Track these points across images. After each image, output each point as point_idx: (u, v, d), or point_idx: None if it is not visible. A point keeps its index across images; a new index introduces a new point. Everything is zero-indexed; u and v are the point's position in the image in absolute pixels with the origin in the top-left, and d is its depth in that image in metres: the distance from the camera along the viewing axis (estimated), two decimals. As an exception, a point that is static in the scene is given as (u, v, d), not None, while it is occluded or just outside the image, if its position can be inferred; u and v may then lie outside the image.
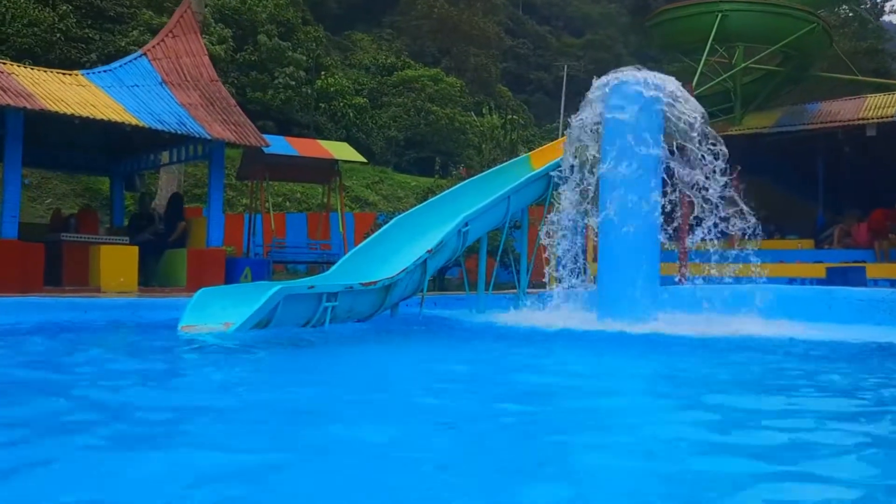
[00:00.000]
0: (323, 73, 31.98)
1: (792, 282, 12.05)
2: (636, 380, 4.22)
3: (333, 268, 8.15)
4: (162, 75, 10.92)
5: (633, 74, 7.40)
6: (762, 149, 14.03)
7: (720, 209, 7.17)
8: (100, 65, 12.21)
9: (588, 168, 7.58)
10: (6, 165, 9.40)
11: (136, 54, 11.38)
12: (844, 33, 28.58)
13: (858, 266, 11.66)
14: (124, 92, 10.33)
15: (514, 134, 30.85)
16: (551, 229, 7.97)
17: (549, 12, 62.22)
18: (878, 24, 33.14)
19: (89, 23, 23.86)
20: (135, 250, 10.19)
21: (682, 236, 9.74)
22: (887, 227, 12.90)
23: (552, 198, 8.83)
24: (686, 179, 7.26)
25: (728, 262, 7.07)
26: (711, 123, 7.54)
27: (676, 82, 7.38)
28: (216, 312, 6.41)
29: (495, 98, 39.83)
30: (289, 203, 23.62)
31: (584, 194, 7.78)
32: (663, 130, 7.34)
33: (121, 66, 10.94)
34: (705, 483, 2.08)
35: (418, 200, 17.65)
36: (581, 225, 7.98)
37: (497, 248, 10.70)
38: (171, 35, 11.52)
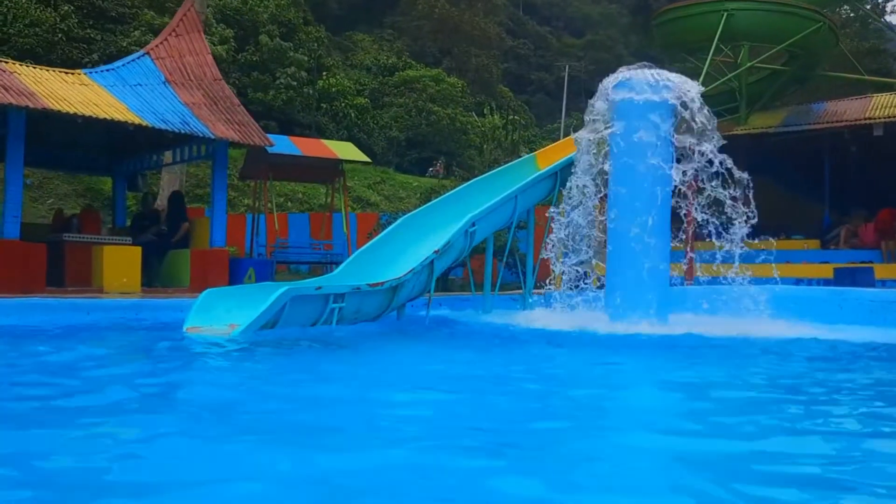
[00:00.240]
0: (324, 73, 31.91)
1: (799, 282, 11.97)
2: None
3: (339, 268, 8.07)
4: (165, 74, 10.83)
5: (642, 72, 7.32)
6: (767, 148, 13.95)
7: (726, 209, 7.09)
8: (101, 65, 12.12)
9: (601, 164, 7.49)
10: (8, 165, 9.31)
11: (138, 53, 11.30)
12: (846, 33, 28.48)
13: (866, 267, 11.58)
14: (127, 91, 10.25)
15: (515, 134, 30.86)
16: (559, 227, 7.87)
17: (549, 13, 62.23)
18: (886, 20, 33.05)
19: (91, 23, 23.79)
20: (138, 250, 10.10)
21: (687, 238, 9.65)
22: (894, 227, 12.82)
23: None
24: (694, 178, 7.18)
25: (735, 262, 7.00)
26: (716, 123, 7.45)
27: (689, 80, 7.29)
28: (221, 314, 6.33)
29: (496, 98, 39.79)
30: (290, 203, 23.55)
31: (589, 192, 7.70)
32: (674, 129, 7.26)
33: (123, 65, 10.85)
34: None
35: (420, 201, 17.59)
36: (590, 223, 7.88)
37: (501, 248, 10.64)
38: (174, 34, 11.44)
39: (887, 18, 39.21)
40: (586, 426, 2.86)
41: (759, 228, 7.03)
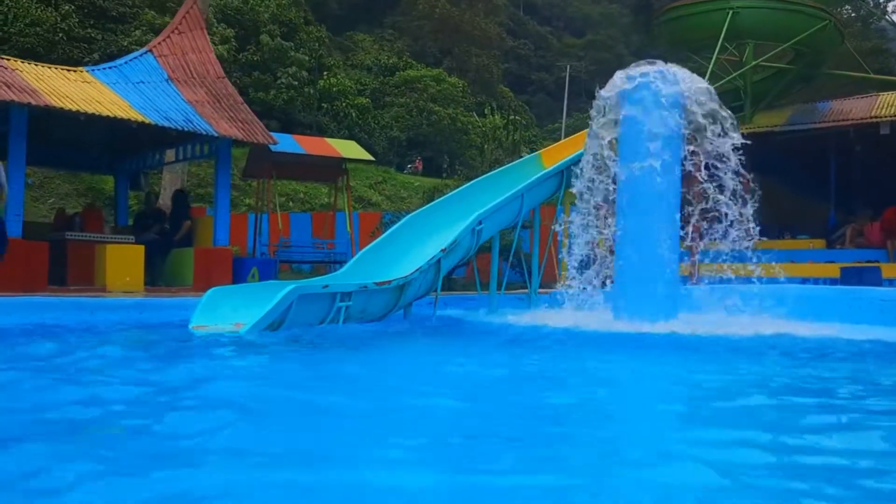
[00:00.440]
0: (325, 73, 31.86)
1: (805, 282, 11.90)
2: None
3: (345, 267, 8.00)
4: (168, 72, 10.75)
5: (650, 69, 7.25)
6: (773, 147, 13.87)
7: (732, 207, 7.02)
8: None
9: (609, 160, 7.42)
10: (10, 163, 9.23)
11: (141, 51, 11.22)
12: (848, 33, 28.46)
13: (873, 266, 11.51)
14: (130, 88, 10.17)
15: (516, 134, 30.75)
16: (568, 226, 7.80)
17: (549, 13, 62.24)
18: (889, 19, 33.00)
19: (91, 23, 23.72)
20: (141, 249, 10.02)
21: (693, 235, 9.57)
22: (901, 226, 12.75)
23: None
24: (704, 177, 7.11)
25: (740, 261, 6.94)
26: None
27: (696, 77, 7.23)
28: (227, 312, 6.26)
29: (497, 99, 39.73)
30: (292, 203, 23.48)
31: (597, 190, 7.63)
32: (683, 124, 7.20)
33: (126, 62, 10.77)
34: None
35: (422, 201, 17.53)
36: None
37: (505, 247, 10.55)
38: (176, 31, 11.36)
39: (888, 19, 39.20)
40: (613, 430, 2.79)
41: (763, 228, 6.97)
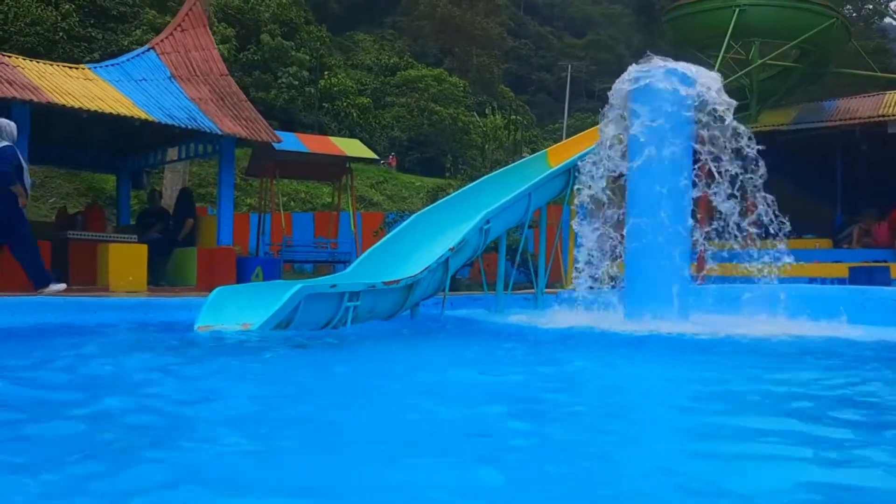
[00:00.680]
0: (326, 73, 31.77)
1: (812, 281, 11.81)
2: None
3: (350, 267, 7.91)
4: (171, 69, 10.65)
5: (662, 66, 7.16)
6: (779, 146, 13.77)
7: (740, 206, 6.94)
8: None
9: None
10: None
11: (143, 48, 11.12)
12: (851, 32, 28.43)
13: (882, 266, 11.43)
14: (132, 86, 10.07)
15: (517, 134, 30.69)
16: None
17: (550, 13, 62.22)
18: (893, 16, 32.93)
19: (92, 22, 23.63)
20: (144, 248, 9.91)
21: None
22: (909, 225, 12.67)
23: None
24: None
25: (748, 261, 6.85)
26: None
27: (712, 73, 7.14)
28: (233, 312, 6.16)
29: (497, 99, 39.67)
30: (294, 203, 23.40)
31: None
32: (693, 123, 7.12)
33: (128, 59, 10.67)
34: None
35: (423, 200, 17.44)
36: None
37: (510, 246, 10.47)
38: (179, 29, 11.25)
39: (888, 20, 39.14)
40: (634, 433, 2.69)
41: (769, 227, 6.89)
